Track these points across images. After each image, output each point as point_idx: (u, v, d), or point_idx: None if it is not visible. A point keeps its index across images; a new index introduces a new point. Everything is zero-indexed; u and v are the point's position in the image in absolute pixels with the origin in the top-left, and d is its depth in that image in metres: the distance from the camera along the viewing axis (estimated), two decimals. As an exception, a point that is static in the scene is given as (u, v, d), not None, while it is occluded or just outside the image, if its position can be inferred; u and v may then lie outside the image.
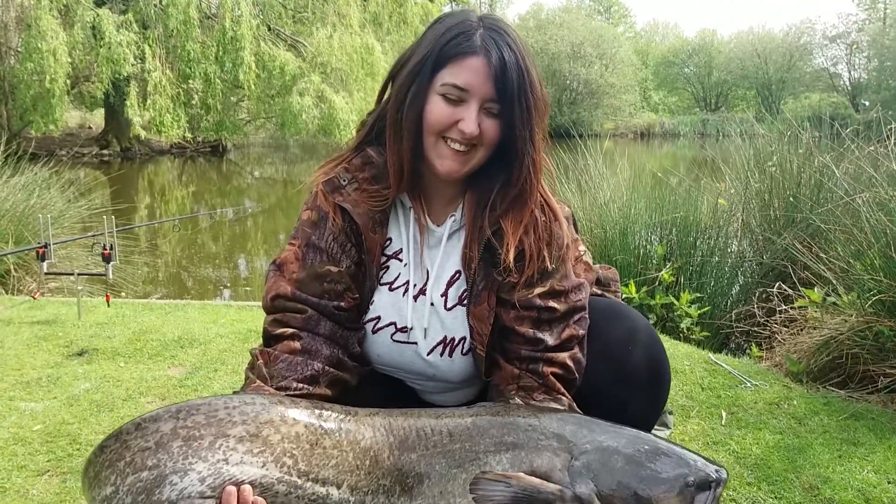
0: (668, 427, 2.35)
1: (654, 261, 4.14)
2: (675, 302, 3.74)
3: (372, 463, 1.18)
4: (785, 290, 3.58)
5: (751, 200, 4.48)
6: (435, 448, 1.18)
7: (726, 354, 3.30)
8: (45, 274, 4.07)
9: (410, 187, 1.44)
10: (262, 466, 1.15)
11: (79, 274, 3.76)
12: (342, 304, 1.41)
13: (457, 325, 1.45)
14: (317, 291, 1.40)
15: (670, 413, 2.28)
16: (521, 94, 1.32)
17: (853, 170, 3.94)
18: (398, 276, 1.47)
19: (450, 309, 1.45)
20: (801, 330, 3.22)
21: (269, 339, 1.40)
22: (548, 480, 1.15)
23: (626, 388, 1.46)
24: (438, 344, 1.46)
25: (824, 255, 3.32)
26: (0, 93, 17.30)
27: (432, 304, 1.45)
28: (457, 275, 1.46)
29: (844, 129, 4.35)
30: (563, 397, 1.38)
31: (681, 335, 3.63)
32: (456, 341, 1.46)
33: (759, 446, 2.25)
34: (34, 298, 4.05)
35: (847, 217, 3.45)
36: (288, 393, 1.31)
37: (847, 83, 44.96)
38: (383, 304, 1.46)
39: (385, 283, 1.47)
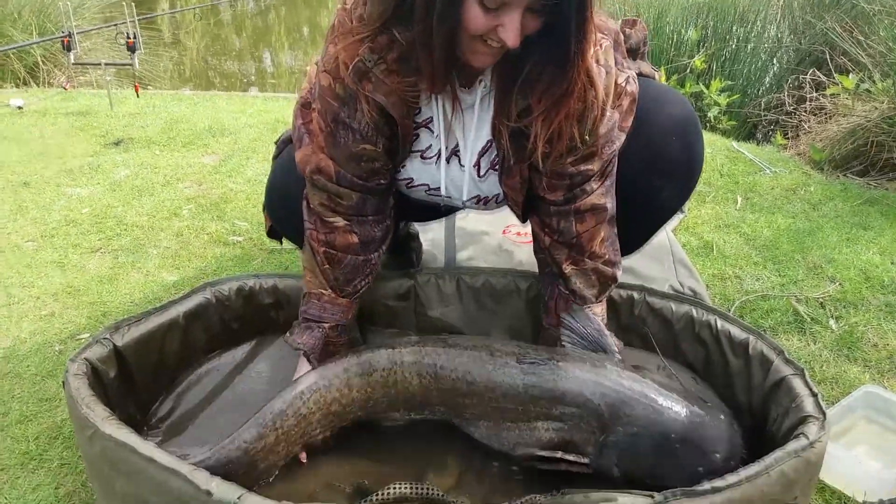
0: (682, 212, 2.43)
1: (686, 47, 4.01)
2: (705, 90, 3.67)
3: (423, 402, 1.37)
4: (818, 76, 3.48)
5: (796, -21, 4.21)
6: (489, 403, 1.32)
7: (751, 143, 3.29)
8: (73, 65, 4.09)
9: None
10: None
11: (106, 64, 3.77)
12: (382, 180, 1.43)
13: (491, 187, 1.47)
14: (357, 172, 1.39)
15: (686, 198, 2.34)
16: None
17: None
18: (429, 147, 1.45)
19: (483, 176, 1.46)
20: (830, 118, 3.17)
21: (322, 221, 1.44)
22: (580, 452, 1.28)
23: (661, 177, 1.48)
24: (473, 198, 1.50)
25: (864, 39, 3.18)
26: None
27: (462, 165, 1.45)
28: (488, 144, 1.42)
29: None
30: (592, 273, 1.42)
31: (707, 124, 3.61)
32: (490, 197, 1.49)
33: (769, 229, 2.32)
34: (66, 89, 4.11)
35: (896, -2, 3.27)
36: (354, 297, 1.49)
37: None
38: (415, 169, 1.47)
39: (416, 151, 1.45)
